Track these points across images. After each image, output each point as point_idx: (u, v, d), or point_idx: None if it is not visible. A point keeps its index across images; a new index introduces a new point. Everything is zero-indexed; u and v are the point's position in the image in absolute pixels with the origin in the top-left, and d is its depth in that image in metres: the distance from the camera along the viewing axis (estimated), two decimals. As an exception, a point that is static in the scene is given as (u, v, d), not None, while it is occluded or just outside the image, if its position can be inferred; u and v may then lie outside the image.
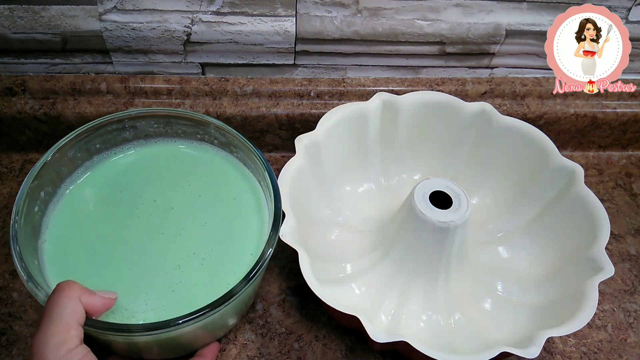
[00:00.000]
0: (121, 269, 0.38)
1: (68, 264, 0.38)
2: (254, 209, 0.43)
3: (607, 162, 0.61)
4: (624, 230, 0.55)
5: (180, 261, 0.39)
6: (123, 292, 0.36)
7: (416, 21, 0.52)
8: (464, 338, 0.43)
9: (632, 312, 0.48)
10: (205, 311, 0.33)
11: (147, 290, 0.37)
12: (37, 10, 0.48)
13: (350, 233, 0.49)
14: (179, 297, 0.37)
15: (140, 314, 0.36)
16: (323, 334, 0.45)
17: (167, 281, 0.38)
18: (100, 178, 0.44)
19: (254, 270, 0.36)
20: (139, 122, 0.45)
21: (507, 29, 0.54)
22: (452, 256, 0.43)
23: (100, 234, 0.40)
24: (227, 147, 0.46)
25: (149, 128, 0.46)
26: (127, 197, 0.43)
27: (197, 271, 0.39)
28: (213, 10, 0.50)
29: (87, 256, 0.39)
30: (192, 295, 0.37)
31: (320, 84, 0.55)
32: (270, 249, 0.37)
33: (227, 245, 0.40)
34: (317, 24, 0.51)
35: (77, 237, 0.40)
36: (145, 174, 0.45)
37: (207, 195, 0.43)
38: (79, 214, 0.41)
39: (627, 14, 0.53)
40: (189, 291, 0.37)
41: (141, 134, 0.46)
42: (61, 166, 0.42)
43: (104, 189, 0.43)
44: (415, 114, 0.50)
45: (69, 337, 0.30)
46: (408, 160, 0.53)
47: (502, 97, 0.58)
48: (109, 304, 0.35)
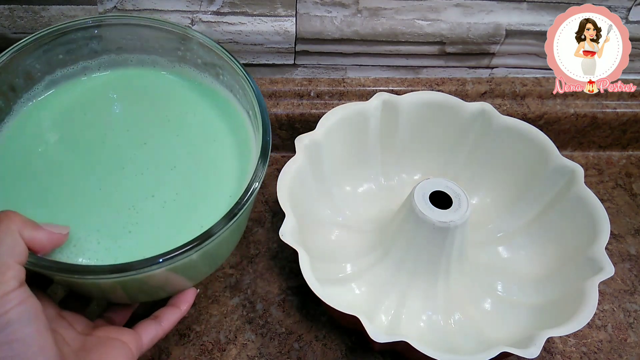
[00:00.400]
0: (71, 201, 0.35)
1: (11, 189, 0.35)
2: (236, 151, 0.39)
3: (607, 162, 0.61)
4: (624, 230, 0.55)
5: (136, 202, 0.36)
6: (72, 228, 0.33)
7: (416, 21, 0.52)
8: (464, 338, 0.43)
9: (632, 312, 0.48)
10: (182, 250, 0.30)
11: (99, 227, 0.34)
12: (37, 10, 0.48)
13: (350, 233, 0.49)
14: (137, 238, 0.34)
15: (92, 253, 0.33)
16: (323, 334, 0.45)
17: (121, 221, 0.34)
18: (66, 96, 0.39)
19: (239, 206, 0.32)
20: (109, 31, 0.40)
21: (507, 29, 0.54)
22: (452, 256, 0.43)
23: (56, 159, 0.36)
24: (212, 68, 0.41)
25: (121, 39, 0.40)
26: (96, 121, 0.39)
27: (158, 214, 0.35)
28: (213, 10, 0.50)
29: (35, 182, 0.35)
30: (154, 237, 0.34)
31: (320, 84, 0.55)
32: (257, 183, 0.34)
33: (198, 189, 0.37)
34: (317, 24, 0.51)
35: (27, 160, 0.36)
36: (121, 98, 0.40)
37: (185, 134, 0.40)
38: (35, 135, 0.37)
39: (627, 14, 0.53)
40: (151, 233, 0.34)
41: (112, 45, 0.41)
42: (15, 77, 0.37)
43: (70, 109, 0.39)
44: (415, 114, 0.50)
45: (4, 280, 0.26)
46: (408, 160, 0.53)
47: (502, 97, 0.58)
48: (59, 240, 0.31)
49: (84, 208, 0.35)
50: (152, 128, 0.39)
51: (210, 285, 0.47)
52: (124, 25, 0.40)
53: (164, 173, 0.37)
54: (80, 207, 0.35)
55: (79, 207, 0.35)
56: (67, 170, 0.36)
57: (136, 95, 0.41)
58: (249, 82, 0.38)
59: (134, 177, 0.37)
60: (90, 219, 0.34)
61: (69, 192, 0.35)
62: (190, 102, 0.41)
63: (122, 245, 0.33)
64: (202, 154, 0.39)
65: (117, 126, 0.39)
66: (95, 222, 0.34)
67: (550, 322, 0.39)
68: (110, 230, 0.34)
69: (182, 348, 0.43)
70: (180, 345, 0.43)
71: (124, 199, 0.36)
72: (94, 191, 0.36)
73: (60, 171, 0.36)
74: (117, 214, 0.35)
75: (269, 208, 0.53)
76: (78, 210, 0.35)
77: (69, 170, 0.36)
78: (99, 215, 0.35)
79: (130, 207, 0.35)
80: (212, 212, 0.35)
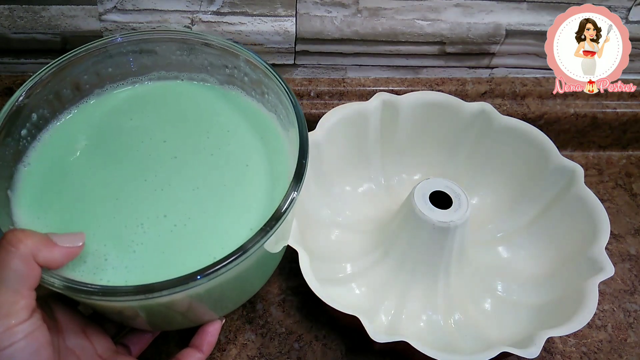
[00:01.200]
0: (89, 210, 0.34)
1: (44, 196, 0.34)
2: (269, 182, 0.36)
3: (607, 162, 0.61)
4: (624, 230, 0.55)
5: (145, 220, 0.33)
6: (87, 238, 0.31)
7: (416, 21, 0.52)
8: (464, 338, 0.43)
9: (632, 312, 0.48)
10: (191, 279, 0.27)
11: (105, 241, 0.32)
12: (37, 10, 0.48)
13: (350, 233, 0.49)
14: (143, 260, 0.32)
15: (101, 272, 0.31)
16: (323, 334, 0.45)
17: (126, 238, 0.32)
18: (111, 100, 0.39)
19: (265, 230, 0.29)
20: (159, 46, 0.39)
21: (507, 29, 0.54)
22: (452, 256, 0.43)
23: (90, 163, 0.36)
24: (258, 87, 0.40)
25: (171, 55, 0.40)
26: (138, 128, 0.38)
27: (164, 237, 0.33)
28: (213, 10, 0.50)
29: (66, 189, 0.35)
30: (159, 261, 0.32)
31: (320, 84, 0.55)
32: (290, 206, 0.31)
33: (216, 216, 0.34)
34: (317, 24, 0.51)
35: (67, 166, 0.36)
36: (163, 109, 0.39)
37: (220, 154, 0.37)
38: (77, 142, 0.37)
39: (627, 14, 0.53)
40: (154, 256, 0.32)
41: (163, 61, 0.40)
42: (63, 87, 0.37)
43: (115, 113, 0.38)
44: (415, 114, 0.50)
45: (14, 311, 0.25)
46: (408, 160, 0.53)
47: (502, 97, 0.58)
48: (72, 254, 0.29)
49: (98, 217, 0.33)
50: (188, 143, 0.37)
51: (210, 285, 0.47)
52: (174, 42, 0.39)
53: (184, 192, 0.35)
54: (96, 216, 0.33)
55: (94, 215, 0.33)
56: (95, 175, 0.35)
57: (181, 108, 0.40)
58: (291, 102, 0.36)
59: (153, 192, 0.35)
60: (102, 230, 0.33)
61: (90, 196, 0.34)
62: (233, 121, 0.39)
63: (128, 265, 0.31)
64: (230, 179, 0.36)
65: (156, 136, 0.38)
66: (104, 235, 0.33)
67: (550, 322, 0.39)
68: (117, 247, 0.32)
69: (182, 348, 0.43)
70: (180, 345, 0.43)
71: (136, 213, 0.34)
72: (110, 200, 0.34)
73: (88, 174, 0.35)
74: (125, 229, 0.33)
75: (269, 208, 0.53)
76: (92, 218, 0.33)
77: (96, 174, 0.36)
78: (108, 227, 0.33)
79: (139, 225, 0.33)
80: (227, 244, 0.32)
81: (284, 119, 0.38)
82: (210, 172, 0.36)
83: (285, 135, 0.38)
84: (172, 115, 0.39)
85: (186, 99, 0.41)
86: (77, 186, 0.35)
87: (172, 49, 0.40)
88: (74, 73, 0.37)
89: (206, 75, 0.41)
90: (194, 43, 0.40)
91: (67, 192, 0.34)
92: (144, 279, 0.29)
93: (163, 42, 0.40)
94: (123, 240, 0.32)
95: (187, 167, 0.36)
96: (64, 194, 0.34)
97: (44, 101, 0.36)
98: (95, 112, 0.39)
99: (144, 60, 0.40)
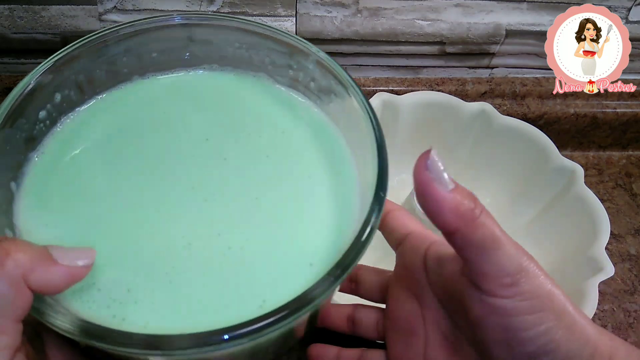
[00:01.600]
0: (115, 222, 0.26)
1: (57, 196, 0.27)
2: (332, 202, 0.28)
3: (607, 162, 0.61)
4: (624, 230, 0.55)
5: (193, 239, 0.26)
6: (103, 258, 0.23)
7: (416, 21, 0.52)
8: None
9: (632, 312, 0.48)
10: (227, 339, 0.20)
11: (133, 266, 0.24)
12: (37, 10, 0.48)
13: (350, 233, 0.49)
14: (177, 294, 0.24)
15: (117, 306, 0.23)
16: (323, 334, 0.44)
17: (165, 263, 0.25)
18: (147, 94, 0.32)
19: (315, 290, 0.22)
20: (216, 35, 0.33)
21: (507, 29, 0.54)
22: (452, 256, 0.43)
23: (121, 162, 0.29)
24: (325, 95, 0.33)
25: (228, 47, 0.33)
26: (175, 123, 0.31)
27: (214, 264, 0.25)
28: (213, 10, 0.50)
29: (87, 190, 0.27)
30: (198, 298, 0.24)
31: (320, 84, 0.55)
32: (363, 249, 0.24)
33: (273, 242, 0.26)
34: (317, 24, 0.51)
35: (89, 161, 0.29)
36: (209, 105, 0.33)
37: (277, 158, 0.30)
38: (104, 133, 0.30)
39: (627, 14, 0.53)
40: (194, 291, 0.24)
41: (217, 53, 0.34)
42: (97, 68, 0.30)
43: (148, 107, 0.32)
44: (415, 114, 0.50)
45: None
46: (408, 160, 0.53)
47: (502, 97, 0.58)
48: (77, 276, 0.21)
49: (127, 231, 0.26)
50: (239, 142, 0.30)
51: (210, 285, 0.47)
52: (234, 30, 0.32)
53: (240, 205, 0.27)
54: (124, 230, 0.26)
55: (121, 228, 0.26)
56: (125, 177, 0.28)
57: (227, 102, 0.33)
58: (371, 123, 0.28)
59: (202, 203, 0.27)
60: (130, 249, 0.25)
61: (118, 204, 0.27)
62: (288, 124, 0.32)
63: (156, 301, 0.24)
64: (291, 191, 0.28)
65: (198, 134, 0.30)
66: (133, 256, 0.25)
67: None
68: (148, 274, 0.24)
69: (182, 348, 0.43)
70: (180, 345, 0.43)
71: (180, 230, 0.26)
72: (145, 210, 0.27)
73: (115, 175, 0.28)
74: (164, 251, 0.25)
75: (269, 208, 0.53)
76: (118, 232, 0.26)
77: (126, 177, 0.28)
78: (141, 246, 0.25)
79: (185, 245, 0.25)
80: (281, 282, 0.25)
81: (354, 138, 0.31)
82: (269, 181, 0.29)
83: (352, 153, 0.31)
84: (218, 113, 0.32)
85: (235, 97, 0.34)
86: (101, 188, 0.27)
87: (231, 39, 0.33)
88: (112, 52, 0.31)
89: (264, 74, 0.34)
90: (258, 35, 0.32)
91: (86, 195, 0.27)
92: (171, 324, 0.23)
93: (223, 31, 0.33)
94: (158, 266, 0.25)
95: (241, 170, 0.29)
96: (82, 197, 0.27)
97: (72, 81, 0.29)
98: (129, 101, 0.32)
99: (196, 49, 0.33)
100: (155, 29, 0.31)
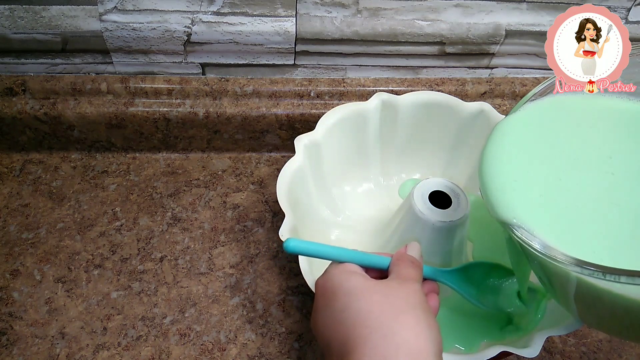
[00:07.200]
0: (567, 173, 0.33)
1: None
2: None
3: (607, 162, 0.61)
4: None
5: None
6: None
7: (416, 21, 0.52)
8: (464, 338, 0.43)
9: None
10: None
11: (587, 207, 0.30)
12: (38, 11, 0.48)
13: (350, 233, 0.49)
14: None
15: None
16: (323, 334, 0.45)
17: (599, 208, 0.30)
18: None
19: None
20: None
21: (506, 29, 0.54)
22: (451, 256, 0.43)
23: (557, 160, 0.34)
24: None
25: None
26: (584, 138, 0.36)
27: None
28: (213, 10, 0.50)
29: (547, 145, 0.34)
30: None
31: (320, 84, 0.56)
32: None
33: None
34: (317, 24, 0.51)
35: (551, 128, 0.36)
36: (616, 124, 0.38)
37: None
38: (537, 130, 0.36)
39: (627, 14, 0.53)
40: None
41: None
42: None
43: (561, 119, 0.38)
44: (414, 114, 0.50)
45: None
46: (407, 160, 0.53)
47: (501, 97, 0.58)
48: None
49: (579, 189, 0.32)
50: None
51: (210, 285, 0.47)
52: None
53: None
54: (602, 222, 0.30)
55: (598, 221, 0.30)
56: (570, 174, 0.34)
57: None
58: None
59: (610, 177, 0.33)
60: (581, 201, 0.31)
61: (582, 196, 0.32)
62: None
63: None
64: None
65: (603, 150, 0.35)
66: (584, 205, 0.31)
67: (550, 322, 0.39)
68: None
69: (182, 348, 0.43)
70: (180, 345, 0.43)
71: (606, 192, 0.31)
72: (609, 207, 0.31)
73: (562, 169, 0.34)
74: (599, 203, 0.31)
75: (269, 208, 0.53)
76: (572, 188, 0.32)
77: (569, 173, 0.34)
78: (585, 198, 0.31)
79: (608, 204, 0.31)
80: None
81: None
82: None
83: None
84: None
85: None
86: (551, 152, 0.34)
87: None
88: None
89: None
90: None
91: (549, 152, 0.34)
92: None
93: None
94: (599, 211, 0.30)
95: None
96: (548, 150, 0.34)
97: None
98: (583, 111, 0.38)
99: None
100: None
